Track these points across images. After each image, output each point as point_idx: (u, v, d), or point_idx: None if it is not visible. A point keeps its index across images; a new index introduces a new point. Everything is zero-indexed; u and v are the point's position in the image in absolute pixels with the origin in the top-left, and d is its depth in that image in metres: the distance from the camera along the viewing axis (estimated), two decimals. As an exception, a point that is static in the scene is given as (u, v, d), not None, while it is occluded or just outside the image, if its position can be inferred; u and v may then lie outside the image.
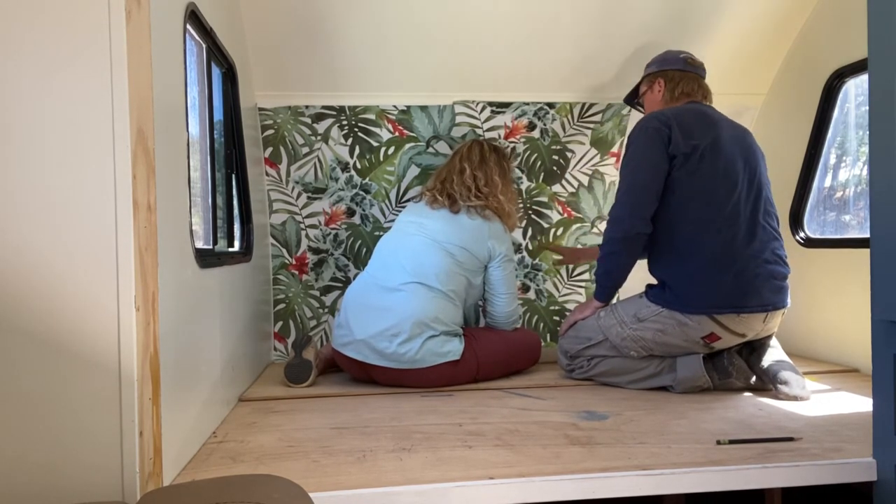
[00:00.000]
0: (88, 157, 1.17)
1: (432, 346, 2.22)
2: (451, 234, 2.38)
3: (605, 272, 2.26)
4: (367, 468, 1.46)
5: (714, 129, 2.16)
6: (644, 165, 2.14)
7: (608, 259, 2.23)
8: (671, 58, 2.42)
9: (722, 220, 2.08)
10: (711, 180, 2.11)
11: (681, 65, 2.40)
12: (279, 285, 2.88)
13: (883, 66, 1.45)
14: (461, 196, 2.46)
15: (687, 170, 2.11)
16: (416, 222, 2.44)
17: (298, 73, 2.69)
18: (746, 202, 2.12)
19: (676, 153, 2.11)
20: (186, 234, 1.56)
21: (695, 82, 2.38)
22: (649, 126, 2.17)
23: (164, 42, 1.42)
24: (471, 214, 2.43)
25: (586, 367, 2.29)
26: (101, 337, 1.17)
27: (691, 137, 2.12)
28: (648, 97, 2.47)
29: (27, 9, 1.16)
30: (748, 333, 2.12)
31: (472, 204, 2.44)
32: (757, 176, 2.18)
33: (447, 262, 2.33)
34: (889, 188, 1.44)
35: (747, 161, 2.18)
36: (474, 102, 2.88)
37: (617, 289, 2.33)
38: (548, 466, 1.46)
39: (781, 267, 2.14)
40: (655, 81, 2.42)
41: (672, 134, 2.13)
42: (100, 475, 1.18)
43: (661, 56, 2.46)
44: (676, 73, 2.39)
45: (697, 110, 2.25)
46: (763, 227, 2.12)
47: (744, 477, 1.46)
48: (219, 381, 1.86)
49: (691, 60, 2.41)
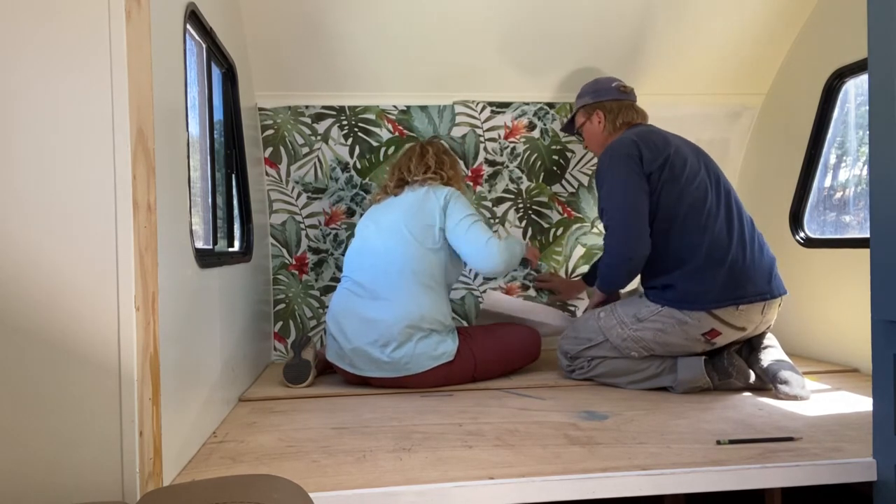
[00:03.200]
0: (88, 157, 1.17)
1: (425, 348, 2.20)
2: (403, 216, 2.30)
3: (611, 280, 2.34)
4: (367, 468, 1.46)
5: (669, 142, 2.25)
6: (632, 188, 2.17)
7: (610, 274, 2.30)
8: (603, 88, 2.47)
9: (706, 220, 2.14)
10: (686, 186, 2.17)
11: (615, 94, 2.45)
12: (279, 285, 2.88)
13: (883, 66, 1.45)
14: (410, 173, 2.40)
15: (663, 183, 2.17)
16: (373, 220, 2.39)
17: (298, 73, 2.69)
18: (718, 200, 2.19)
19: (651, 171, 2.18)
20: (186, 234, 1.56)
21: (632, 110, 2.45)
22: (621, 153, 2.22)
23: (164, 42, 1.42)
24: (414, 188, 2.38)
25: (587, 368, 2.29)
26: (101, 337, 1.17)
27: (658, 153, 2.20)
28: (589, 128, 2.51)
29: (27, 9, 1.16)
30: (748, 326, 2.13)
31: (418, 179, 2.38)
32: (718, 175, 2.26)
33: (413, 249, 2.25)
34: (889, 188, 1.44)
35: (706, 164, 2.27)
36: (474, 102, 2.88)
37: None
38: (548, 466, 1.46)
39: (768, 255, 2.19)
40: (594, 113, 2.47)
41: (642, 154, 2.19)
42: (100, 475, 1.18)
43: (593, 86, 2.51)
44: (613, 103, 2.45)
45: (648, 130, 2.33)
46: (741, 220, 2.18)
47: (744, 477, 1.46)
48: (219, 381, 1.86)
49: (623, 88, 2.47)
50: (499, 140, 2.93)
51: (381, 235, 2.32)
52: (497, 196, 2.98)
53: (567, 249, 3.04)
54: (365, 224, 2.43)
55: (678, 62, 2.81)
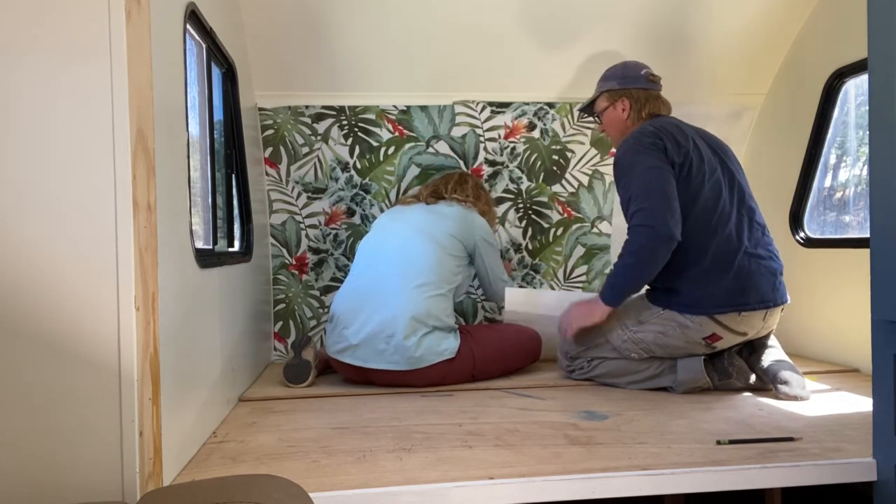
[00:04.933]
0: (88, 157, 1.17)
1: (430, 343, 2.21)
2: (434, 222, 2.40)
3: (630, 280, 2.11)
4: (367, 468, 1.46)
5: (691, 137, 2.17)
6: (662, 173, 2.06)
7: (634, 269, 2.07)
8: (633, 74, 2.35)
9: (716, 223, 2.09)
10: (702, 186, 2.11)
11: (643, 83, 2.34)
12: (279, 285, 2.88)
13: (883, 66, 1.45)
14: (446, 191, 2.54)
15: (681, 178, 2.10)
16: (398, 218, 2.47)
17: (298, 73, 2.69)
18: (732, 202, 2.13)
19: (673, 163, 2.10)
20: (186, 234, 1.56)
21: (659, 101, 2.35)
22: (644, 141, 2.13)
23: (164, 42, 1.42)
24: (450, 203, 2.49)
25: (587, 368, 2.29)
26: (101, 337, 1.17)
27: (679, 147, 2.12)
28: (611, 115, 2.39)
29: (27, 9, 1.16)
30: (749, 332, 2.12)
31: (454, 197, 2.52)
32: (735, 175, 2.20)
33: (435, 251, 2.33)
34: (889, 188, 1.44)
35: (723, 162, 2.20)
36: (474, 102, 2.88)
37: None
38: (548, 466, 1.46)
39: (776, 262, 2.15)
40: (619, 100, 2.35)
41: (666, 145, 2.12)
42: (100, 475, 1.18)
43: (621, 71, 2.38)
44: (641, 92, 2.34)
45: (672, 122, 2.24)
46: (751, 224, 2.14)
47: (744, 477, 1.46)
48: (219, 381, 1.86)
49: (652, 77, 2.36)
50: (499, 140, 2.93)
51: (409, 233, 2.38)
52: (497, 196, 2.98)
53: (567, 249, 3.04)
54: (389, 219, 2.50)
55: (678, 62, 2.81)
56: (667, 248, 2.03)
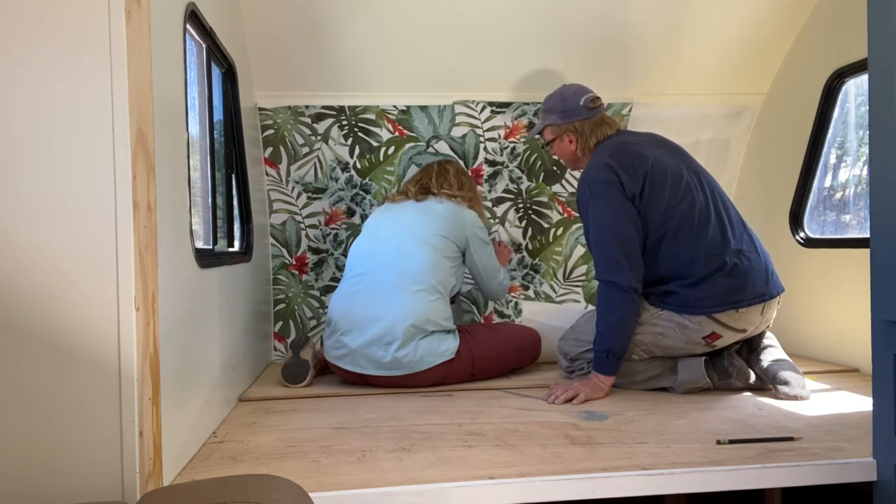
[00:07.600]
0: (88, 156, 1.17)
1: (429, 345, 2.21)
2: (427, 223, 2.36)
3: (618, 343, 2.08)
4: (367, 468, 1.46)
5: (645, 154, 2.15)
6: (621, 218, 2.09)
7: (617, 327, 2.07)
8: (572, 107, 2.28)
9: (697, 229, 2.08)
10: (671, 198, 2.10)
11: (585, 113, 2.28)
12: (279, 285, 2.88)
13: (883, 66, 1.45)
14: (435, 185, 2.48)
15: (646, 201, 2.10)
16: (391, 218, 2.42)
17: (298, 73, 2.69)
18: (707, 204, 2.13)
19: (633, 193, 2.10)
20: (186, 234, 1.56)
21: (604, 124, 2.30)
22: (600, 180, 2.11)
23: (164, 42, 1.42)
24: (440, 200, 2.44)
25: (587, 369, 2.29)
26: (101, 337, 1.17)
27: (635, 172, 2.11)
28: (560, 146, 2.36)
29: (27, 10, 1.16)
30: (748, 328, 2.12)
31: (444, 192, 2.46)
32: (701, 175, 2.19)
33: (430, 255, 2.30)
34: (889, 188, 1.44)
35: (688, 166, 2.19)
36: (474, 102, 2.88)
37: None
38: (548, 466, 1.46)
39: (761, 254, 2.14)
40: (564, 135, 2.32)
41: (621, 178, 2.10)
42: (100, 475, 1.18)
43: (559, 104, 2.31)
44: (584, 123, 2.29)
45: (623, 145, 2.21)
46: (731, 221, 2.14)
47: (744, 477, 1.46)
48: (219, 381, 1.86)
49: (592, 104, 2.29)
50: (499, 140, 2.93)
51: (403, 237, 2.34)
52: (497, 196, 2.98)
53: (567, 249, 3.04)
54: (380, 219, 2.45)
55: (678, 62, 2.81)
56: (630, 299, 2.07)
